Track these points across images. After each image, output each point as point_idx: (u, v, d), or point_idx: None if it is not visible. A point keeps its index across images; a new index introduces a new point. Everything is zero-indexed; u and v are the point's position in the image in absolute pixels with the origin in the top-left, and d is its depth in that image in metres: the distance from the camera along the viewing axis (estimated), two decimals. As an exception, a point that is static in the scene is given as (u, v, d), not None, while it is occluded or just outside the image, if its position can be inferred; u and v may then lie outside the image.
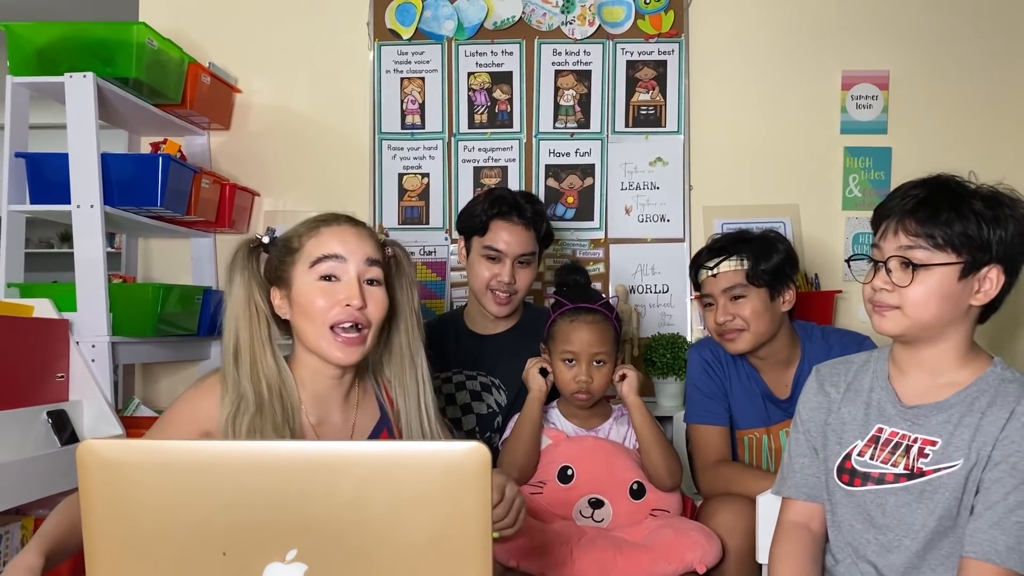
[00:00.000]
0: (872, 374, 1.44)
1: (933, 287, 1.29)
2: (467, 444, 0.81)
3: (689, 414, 2.07)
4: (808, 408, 1.50)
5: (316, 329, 1.37)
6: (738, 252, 1.93)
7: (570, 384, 1.87)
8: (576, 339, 1.86)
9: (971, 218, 1.28)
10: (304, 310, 1.37)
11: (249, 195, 2.89)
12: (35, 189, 2.27)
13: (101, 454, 0.82)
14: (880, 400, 1.40)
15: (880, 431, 1.38)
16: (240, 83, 2.91)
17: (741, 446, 2.03)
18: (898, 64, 2.85)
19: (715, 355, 2.04)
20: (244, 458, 0.82)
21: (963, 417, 1.32)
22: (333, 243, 1.38)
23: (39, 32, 2.30)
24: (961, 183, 1.34)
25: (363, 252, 1.38)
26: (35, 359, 1.96)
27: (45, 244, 5.68)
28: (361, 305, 1.35)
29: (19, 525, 1.85)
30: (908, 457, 1.34)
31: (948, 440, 1.32)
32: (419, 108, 2.92)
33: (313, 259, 1.37)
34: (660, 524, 1.78)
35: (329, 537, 0.81)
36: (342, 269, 1.37)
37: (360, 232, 1.42)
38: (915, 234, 1.30)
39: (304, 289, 1.37)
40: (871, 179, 2.86)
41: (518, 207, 2.11)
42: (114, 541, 0.82)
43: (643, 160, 2.88)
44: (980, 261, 1.29)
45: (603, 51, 2.89)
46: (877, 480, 1.36)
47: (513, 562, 1.65)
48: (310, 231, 1.42)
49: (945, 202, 1.30)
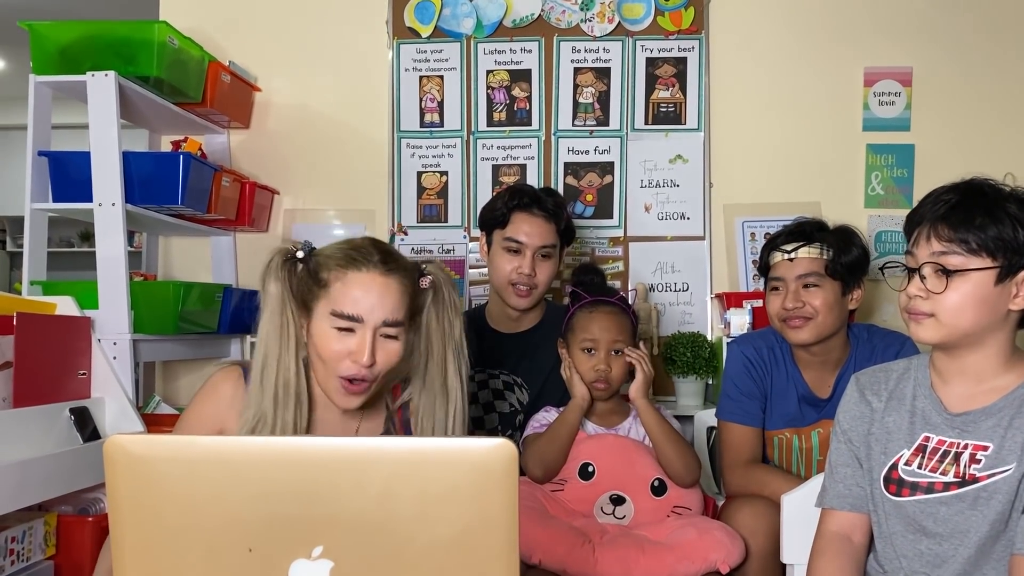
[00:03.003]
0: (914, 382, 1.41)
1: (968, 293, 1.27)
2: (494, 441, 0.80)
3: (723, 410, 2.02)
4: (849, 417, 1.46)
5: (325, 372, 1.39)
6: (820, 240, 1.88)
7: (589, 373, 1.89)
8: (595, 328, 1.90)
9: (1006, 221, 1.26)
10: (317, 349, 1.38)
11: (269, 193, 2.89)
12: (58, 188, 2.28)
13: (128, 449, 0.82)
14: (925, 408, 1.37)
15: (927, 440, 1.36)
16: (260, 82, 2.92)
17: (771, 446, 2.00)
18: (921, 60, 2.82)
19: (758, 352, 1.99)
20: (271, 454, 0.82)
21: (1013, 420, 1.29)
22: (356, 295, 1.35)
23: (61, 31, 2.31)
24: (995, 186, 1.31)
25: (383, 312, 1.36)
26: (58, 356, 1.97)
27: (66, 243, 5.72)
28: (369, 364, 1.35)
29: (42, 521, 1.85)
30: (959, 464, 1.32)
31: (1000, 444, 1.29)
32: (438, 106, 2.92)
33: (332, 309, 1.36)
34: (683, 523, 1.77)
35: (355, 534, 0.81)
36: (358, 327, 1.36)
37: (387, 285, 1.37)
38: (949, 239, 1.27)
39: (320, 331, 1.37)
40: (894, 176, 2.83)
41: (538, 199, 2.12)
42: (141, 536, 0.82)
43: (663, 158, 2.86)
44: (1017, 265, 1.27)
45: (622, 48, 2.87)
46: (926, 490, 1.34)
47: (535, 559, 1.65)
48: (339, 270, 1.38)
49: (978, 206, 1.27)
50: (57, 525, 1.90)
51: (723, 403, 2.03)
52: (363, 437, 0.84)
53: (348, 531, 0.81)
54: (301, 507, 0.81)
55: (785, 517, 1.60)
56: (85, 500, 1.98)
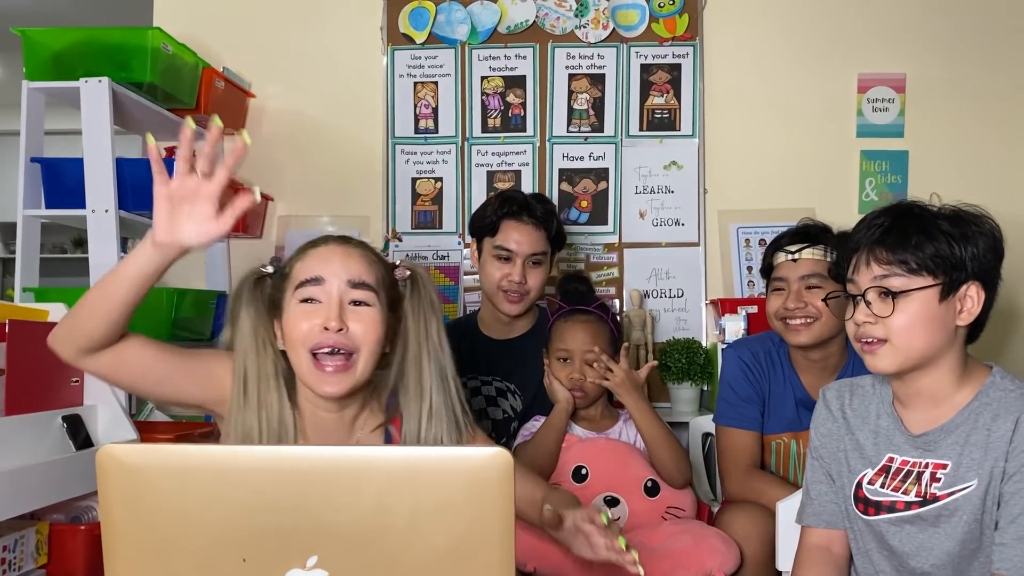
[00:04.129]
0: (878, 400, 1.41)
1: (916, 313, 1.27)
2: (490, 450, 0.80)
3: (722, 415, 2.01)
4: (819, 434, 1.47)
5: (299, 357, 1.28)
6: (824, 242, 1.89)
7: (565, 382, 1.92)
8: (570, 338, 1.94)
9: (940, 239, 1.27)
10: (289, 338, 1.29)
11: (263, 199, 2.89)
12: (50, 194, 2.27)
13: (121, 458, 0.81)
14: (888, 428, 1.38)
15: (891, 460, 1.36)
16: (254, 88, 2.92)
17: (768, 451, 2.00)
18: (915, 67, 2.83)
19: (755, 357, 1.99)
20: (265, 463, 0.81)
21: (969, 435, 1.30)
22: (316, 265, 1.30)
23: (55, 37, 2.30)
24: (923, 207, 1.33)
25: (346, 273, 1.28)
26: (50, 364, 1.94)
27: (59, 249, 5.70)
28: (339, 328, 1.25)
29: (34, 530, 1.84)
30: (920, 484, 1.32)
31: (958, 461, 1.30)
32: (432, 112, 2.91)
33: (296, 283, 1.30)
34: (679, 530, 1.76)
35: (350, 543, 0.80)
36: (321, 292, 1.28)
37: (347, 252, 1.32)
38: (888, 262, 1.29)
39: (290, 317, 1.30)
40: (888, 183, 2.83)
41: (528, 207, 2.11)
42: (133, 546, 0.81)
43: (657, 164, 2.87)
44: (957, 280, 1.28)
45: (617, 54, 2.88)
46: (889, 509, 1.35)
47: (531, 567, 1.64)
48: (299, 254, 1.35)
49: (912, 227, 1.29)
50: (49, 534, 1.89)
51: (721, 408, 2.02)
52: (357, 447, 0.84)
53: (343, 541, 0.80)
54: (295, 517, 0.80)
55: (780, 524, 1.60)
56: (78, 508, 1.96)
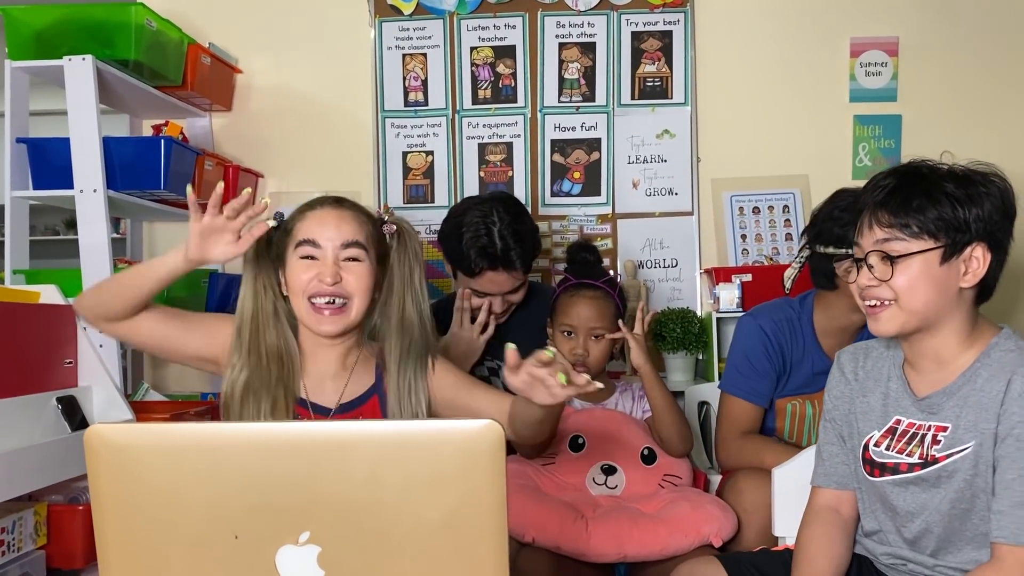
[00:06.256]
0: (890, 362, 1.41)
1: (916, 274, 1.27)
2: (480, 422, 0.80)
3: (729, 382, 1.97)
4: (833, 396, 1.48)
5: (299, 302, 1.48)
6: None
7: (568, 357, 1.90)
8: (575, 313, 1.92)
9: (943, 201, 1.26)
10: (290, 286, 1.49)
11: (253, 177, 2.86)
12: (38, 175, 2.25)
13: (109, 438, 0.81)
14: (897, 391, 1.38)
15: (898, 423, 1.37)
16: (240, 63, 2.88)
17: (782, 414, 1.97)
18: (907, 30, 2.80)
19: (777, 327, 1.93)
20: (254, 440, 0.81)
21: (968, 397, 1.30)
22: (313, 228, 1.49)
23: (37, 15, 2.26)
24: (932, 167, 1.31)
25: (340, 237, 1.47)
26: (43, 345, 1.95)
27: (51, 231, 5.67)
28: (334, 282, 1.45)
29: (32, 511, 1.84)
30: (923, 446, 1.33)
31: (956, 423, 1.30)
32: (422, 85, 2.89)
33: (296, 242, 1.49)
34: (676, 497, 1.77)
35: (342, 518, 0.80)
36: (319, 253, 1.47)
37: (341, 216, 1.51)
38: (889, 225, 1.28)
39: (291, 269, 1.50)
40: (881, 148, 2.82)
41: (507, 259, 2.03)
42: (124, 526, 0.81)
43: (650, 133, 2.85)
44: (960, 242, 1.26)
45: (607, 22, 2.85)
46: (893, 470, 1.35)
47: (528, 537, 1.65)
48: (300, 214, 1.53)
49: (916, 188, 1.27)
50: (48, 515, 1.90)
51: (730, 375, 1.97)
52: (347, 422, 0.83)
53: (335, 516, 0.80)
54: (287, 493, 0.80)
55: (776, 490, 1.61)
56: (75, 489, 1.97)
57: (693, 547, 1.68)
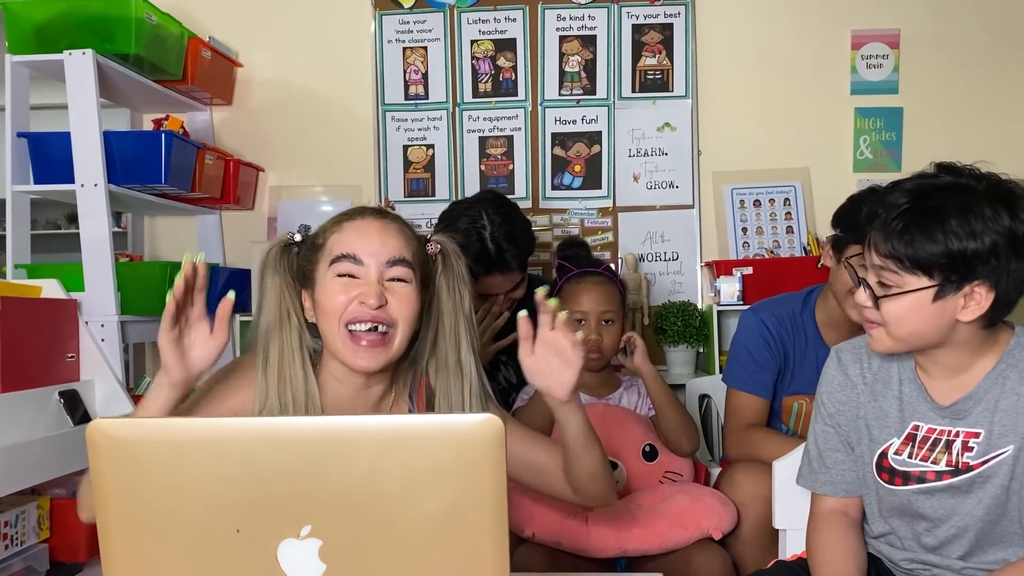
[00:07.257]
0: (899, 365, 1.34)
1: (905, 307, 1.21)
2: (481, 416, 0.80)
3: (732, 376, 1.97)
4: (835, 401, 1.39)
5: (334, 330, 1.26)
6: None
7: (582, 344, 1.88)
8: (585, 299, 1.91)
9: (940, 240, 1.16)
10: (323, 309, 1.27)
11: (254, 170, 2.87)
12: (38, 169, 2.26)
13: (111, 433, 0.81)
14: (912, 396, 1.32)
15: (916, 428, 1.30)
16: (241, 57, 2.88)
17: (788, 412, 1.97)
18: (909, 22, 2.80)
19: (779, 322, 1.93)
20: (256, 434, 0.81)
21: (999, 401, 1.24)
22: (353, 240, 1.27)
23: (37, 9, 2.27)
24: (959, 187, 1.19)
25: (386, 253, 1.26)
26: (45, 340, 1.96)
27: (53, 225, 5.67)
28: (378, 304, 1.23)
29: (35, 505, 1.85)
30: (950, 453, 1.27)
31: (990, 428, 1.25)
32: (422, 78, 2.88)
33: (333, 257, 1.27)
34: (675, 490, 1.78)
35: (343, 512, 0.80)
36: (361, 270, 1.26)
37: (385, 228, 1.28)
38: (886, 255, 1.21)
39: (324, 289, 1.27)
40: (882, 140, 2.82)
41: (502, 263, 2.05)
42: (127, 520, 0.81)
43: (651, 126, 2.84)
44: (957, 281, 1.18)
45: (608, 15, 2.84)
46: (919, 479, 1.29)
47: (529, 532, 1.66)
48: (334, 226, 1.31)
49: (918, 219, 1.18)
50: (50, 508, 1.90)
51: (733, 369, 1.97)
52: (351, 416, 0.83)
53: (336, 509, 0.80)
54: (288, 487, 0.80)
55: (777, 483, 1.60)
56: (78, 483, 1.97)
57: (693, 540, 1.68)
